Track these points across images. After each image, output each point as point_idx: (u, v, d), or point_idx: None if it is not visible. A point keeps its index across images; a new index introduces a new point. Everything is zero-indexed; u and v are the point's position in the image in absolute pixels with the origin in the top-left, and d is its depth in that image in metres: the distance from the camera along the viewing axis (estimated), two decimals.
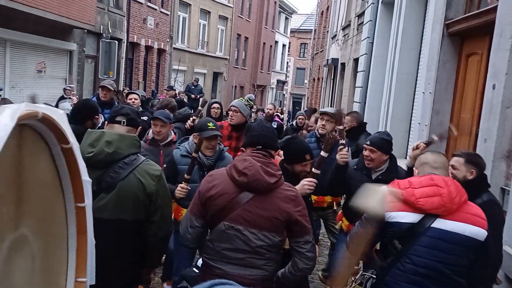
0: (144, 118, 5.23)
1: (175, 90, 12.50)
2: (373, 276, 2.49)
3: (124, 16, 14.75)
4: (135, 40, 15.82)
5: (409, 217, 2.20)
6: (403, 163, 3.80)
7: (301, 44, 42.26)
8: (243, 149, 2.62)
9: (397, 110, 6.76)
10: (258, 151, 2.36)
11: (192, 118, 4.94)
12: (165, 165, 3.51)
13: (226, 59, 24.83)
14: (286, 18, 37.00)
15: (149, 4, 16.60)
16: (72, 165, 1.29)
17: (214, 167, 3.27)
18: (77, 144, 1.30)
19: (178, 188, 3.19)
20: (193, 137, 3.52)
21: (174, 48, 19.27)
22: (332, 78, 16.54)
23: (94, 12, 11.67)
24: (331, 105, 15.97)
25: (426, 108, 5.21)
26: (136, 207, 2.28)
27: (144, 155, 3.67)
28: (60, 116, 1.24)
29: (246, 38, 28.02)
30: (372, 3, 8.78)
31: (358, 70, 9.89)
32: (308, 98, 28.71)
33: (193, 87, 15.32)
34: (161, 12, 17.66)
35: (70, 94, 7.51)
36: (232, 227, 2.22)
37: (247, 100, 4.67)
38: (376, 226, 2.27)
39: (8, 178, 1.09)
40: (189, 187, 3.17)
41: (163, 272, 4.14)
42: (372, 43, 8.80)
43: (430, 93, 5.07)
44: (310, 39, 29.86)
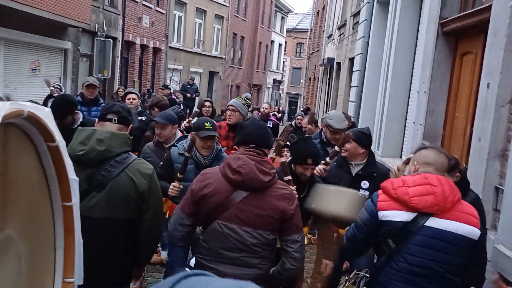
0: (142, 118, 5.23)
1: (170, 89, 12.46)
2: (366, 275, 2.48)
3: (119, 15, 14.69)
4: (130, 39, 15.76)
5: (402, 216, 2.20)
6: (398, 162, 3.79)
7: (297, 43, 42.26)
8: (236, 147, 2.60)
9: (392, 109, 6.75)
10: (251, 149, 2.35)
11: (188, 119, 4.96)
12: (161, 162, 3.50)
13: (222, 58, 24.78)
14: (282, 18, 37.00)
15: (144, 2, 16.53)
16: (58, 163, 1.26)
17: (211, 167, 3.25)
18: (63, 142, 1.28)
19: (171, 186, 3.18)
20: (190, 136, 3.51)
21: (170, 47, 19.21)
22: (328, 77, 16.53)
23: (89, 10, 11.62)
24: (327, 105, 15.97)
25: (420, 107, 5.20)
26: (128, 205, 2.26)
27: (148, 156, 3.69)
28: (46, 114, 1.21)
29: (242, 38, 27.98)
30: (368, 2, 8.77)
31: (354, 70, 9.89)
32: (304, 97, 28.71)
33: (188, 86, 15.25)
34: (156, 10, 17.60)
35: (58, 92, 7.43)
36: (226, 226, 2.21)
37: (245, 99, 4.67)
38: (370, 227, 2.27)
39: None
40: (181, 186, 3.16)
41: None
42: (368, 42, 8.79)
43: (425, 92, 5.07)
44: (306, 38, 29.86)
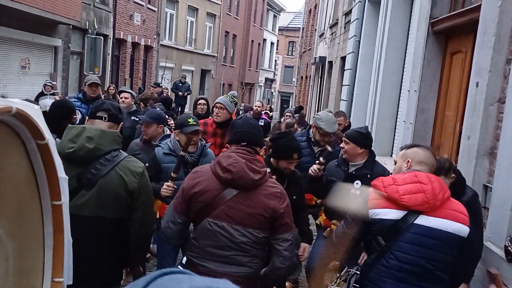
0: (136, 118, 5.21)
1: (161, 87, 12.41)
2: (357, 272, 2.50)
3: (110, 12, 14.58)
4: (121, 37, 15.65)
5: (392, 214, 2.21)
6: (389, 161, 3.82)
7: (289, 42, 42.29)
8: (228, 145, 2.60)
9: (383, 108, 6.79)
10: (242, 147, 2.35)
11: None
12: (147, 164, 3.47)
13: (214, 56, 24.72)
14: (275, 16, 37.00)
15: (135, 0, 16.42)
16: (47, 161, 1.25)
17: (198, 164, 3.24)
18: (53, 140, 1.26)
19: (164, 186, 3.15)
20: (174, 134, 3.47)
21: (161, 45, 19.12)
22: (319, 76, 16.56)
23: (79, 7, 11.52)
24: (318, 103, 16.00)
25: (411, 106, 5.24)
26: (118, 204, 2.24)
27: (137, 153, 3.66)
28: (35, 111, 1.20)
29: (234, 36, 27.93)
30: (359, 1, 8.80)
31: (345, 68, 9.92)
32: (296, 96, 28.75)
33: (180, 84, 15.18)
34: (148, 8, 17.50)
35: (50, 90, 7.34)
36: (216, 224, 2.20)
37: (232, 97, 4.68)
38: (361, 225, 2.28)
39: None
40: (175, 186, 3.13)
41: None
42: (359, 41, 8.82)
43: (415, 91, 5.10)
44: (298, 37, 29.88)
